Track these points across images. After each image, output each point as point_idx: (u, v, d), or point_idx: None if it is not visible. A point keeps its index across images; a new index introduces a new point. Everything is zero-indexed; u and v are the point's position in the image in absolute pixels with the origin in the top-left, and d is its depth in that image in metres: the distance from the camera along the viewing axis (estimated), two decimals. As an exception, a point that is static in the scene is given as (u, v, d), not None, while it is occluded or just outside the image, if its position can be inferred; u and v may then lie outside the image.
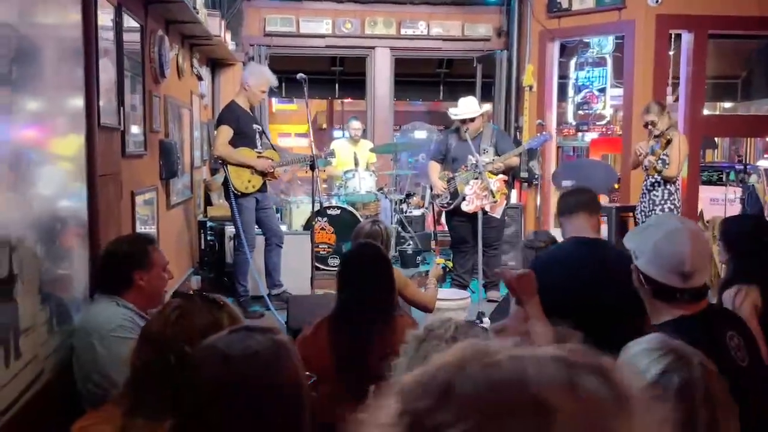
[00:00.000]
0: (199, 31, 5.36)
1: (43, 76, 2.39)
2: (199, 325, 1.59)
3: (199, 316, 1.61)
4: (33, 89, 2.27)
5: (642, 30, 6.76)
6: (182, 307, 1.62)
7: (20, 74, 2.14)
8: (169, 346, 1.55)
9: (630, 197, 6.70)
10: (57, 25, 2.60)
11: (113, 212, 3.19)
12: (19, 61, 2.13)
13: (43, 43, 2.39)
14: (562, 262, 2.65)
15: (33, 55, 2.28)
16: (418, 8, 8.02)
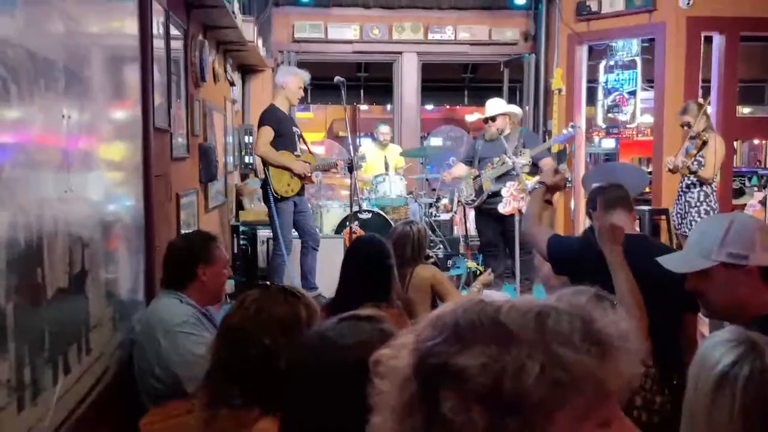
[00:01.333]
0: (235, 36, 5.42)
1: (104, 81, 2.43)
2: (278, 317, 1.61)
3: (277, 308, 1.63)
4: (95, 94, 2.31)
5: (673, 32, 6.73)
6: (260, 300, 1.64)
7: (85, 80, 2.18)
8: (250, 339, 1.57)
9: (662, 200, 6.66)
10: (116, 31, 2.64)
11: (164, 213, 3.23)
12: (83, 67, 2.17)
13: (103, 49, 2.43)
14: None
15: (94, 61, 2.32)
16: (445, 13, 8.04)
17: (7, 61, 1.55)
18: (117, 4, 2.67)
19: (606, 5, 7.04)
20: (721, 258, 1.79)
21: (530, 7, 7.96)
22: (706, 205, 5.22)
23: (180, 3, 3.95)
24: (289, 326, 1.60)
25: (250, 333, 1.59)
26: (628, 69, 7.17)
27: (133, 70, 2.79)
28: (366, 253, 2.73)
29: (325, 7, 7.89)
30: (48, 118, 1.85)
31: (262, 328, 1.59)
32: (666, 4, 6.74)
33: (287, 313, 1.63)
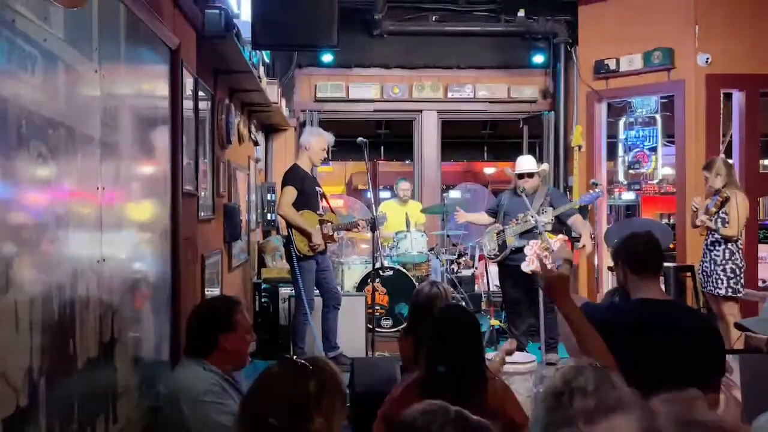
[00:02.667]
0: (259, 98, 5.55)
1: (136, 150, 2.49)
2: (286, 398, 1.61)
3: (286, 388, 1.63)
4: (128, 163, 2.37)
5: (692, 90, 6.77)
6: (271, 378, 1.66)
7: (116, 141, 2.24)
8: (260, 420, 1.57)
9: (687, 257, 6.60)
10: (149, 101, 2.71)
11: (190, 275, 3.25)
12: (117, 137, 2.23)
13: (137, 119, 2.50)
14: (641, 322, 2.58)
15: (126, 123, 2.38)
16: (464, 72, 8.19)
17: (48, 139, 1.60)
18: (150, 73, 2.75)
19: (624, 64, 7.12)
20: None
21: (548, 65, 8.08)
22: (732, 263, 5.16)
23: (208, 69, 4.06)
24: (297, 406, 1.61)
25: (257, 412, 1.61)
26: (648, 126, 7.20)
27: (163, 135, 2.86)
28: (462, 326, 2.53)
29: (346, 67, 8.07)
30: (83, 189, 1.90)
31: (270, 408, 1.60)
32: (685, 63, 6.80)
33: (295, 393, 1.63)
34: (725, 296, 5.18)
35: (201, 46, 3.57)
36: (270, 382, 1.65)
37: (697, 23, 6.68)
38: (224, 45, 3.61)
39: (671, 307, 2.73)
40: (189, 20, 3.27)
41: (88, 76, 1.94)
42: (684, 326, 2.54)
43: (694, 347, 2.54)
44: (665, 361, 2.41)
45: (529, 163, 5.74)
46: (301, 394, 1.61)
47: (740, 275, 5.18)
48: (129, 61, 2.36)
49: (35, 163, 1.57)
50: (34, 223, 1.59)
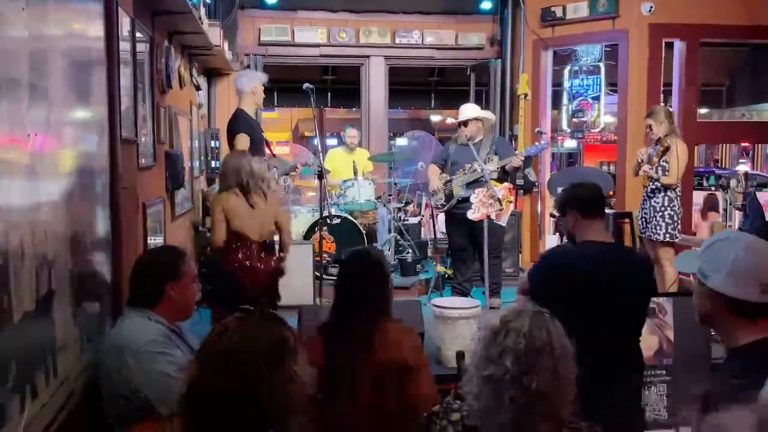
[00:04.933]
0: (201, 41, 5.35)
1: (69, 93, 2.37)
2: (263, 345, 1.58)
3: (263, 334, 1.60)
4: (60, 108, 2.25)
5: (635, 39, 6.85)
6: (243, 326, 1.61)
7: (49, 94, 2.12)
8: (234, 364, 1.53)
9: (626, 204, 6.78)
10: (81, 40, 2.58)
11: (132, 225, 3.16)
12: (47, 80, 2.11)
13: (68, 60, 2.37)
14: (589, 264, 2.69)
15: (59, 73, 2.25)
16: (411, 17, 8.07)
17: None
18: (82, 12, 2.60)
19: (570, 11, 7.13)
20: (694, 269, 1.82)
21: (496, 12, 8.03)
22: (671, 209, 5.32)
23: (146, 11, 3.87)
24: (274, 356, 1.57)
25: (233, 360, 1.55)
26: (592, 74, 7.27)
27: (98, 78, 2.73)
28: (367, 265, 2.64)
29: (291, 10, 7.85)
30: (11, 135, 1.80)
31: (246, 356, 1.55)
32: (629, 12, 6.86)
33: (272, 341, 1.60)
34: (663, 241, 5.35)
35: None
36: (245, 330, 1.59)
37: (641, -29, 6.72)
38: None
39: (614, 248, 2.87)
40: (123, -44, 3.10)
41: (13, 16, 1.81)
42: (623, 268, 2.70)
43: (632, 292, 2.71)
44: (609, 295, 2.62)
45: (470, 110, 5.74)
46: (280, 342, 1.58)
47: (678, 221, 5.35)
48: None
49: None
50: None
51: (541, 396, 1.63)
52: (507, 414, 1.64)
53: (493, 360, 1.66)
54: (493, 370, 1.66)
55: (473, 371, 1.73)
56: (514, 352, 1.64)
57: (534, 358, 1.64)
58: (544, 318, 1.73)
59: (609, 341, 2.61)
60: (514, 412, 1.63)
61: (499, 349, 1.66)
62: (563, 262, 2.70)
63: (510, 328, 1.67)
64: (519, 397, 1.62)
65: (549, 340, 1.67)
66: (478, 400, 1.70)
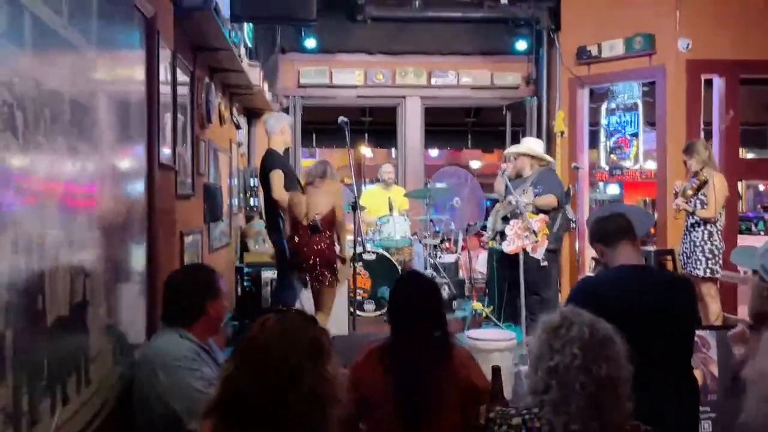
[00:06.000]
0: (241, 80, 5.52)
1: (110, 118, 2.46)
2: (304, 340, 1.58)
3: (302, 331, 1.61)
4: (102, 131, 2.34)
5: (673, 75, 6.81)
6: (283, 322, 1.61)
7: (91, 117, 2.21)
8: (273, 360, 1.53)
9: (668, 241, 6.65)
10: (123, 71, 2.68)
11: (168, 250, 3.23)
12: (90, 105, 2.21)
13: (110, 87, 2.48)
14: (619, 286, 2.66)
15: (100, 99, 2.35)
16: (447, 58, 8.20)
17: (15, 92, 1.58)
18: (125, 42, 2.72)
19: (606, 49, 7.15)
20: (755, 265, 1.81)
21: (531, 51, 8.10)
22: (710, 243, 5.21)
23: (187, 46, 4.03)
24: (314, 351, 1.57)
25: (274, 354, 1.55)
26: (630, 111, 7.24)
27: (139, 107, 2.84)
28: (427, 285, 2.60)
29: (330, 53, 8.05)
30: (54, 155, 1.88)
31: (289, 350, 1.55)
32: (665, 48, 6.84)
33: (312, 337, 1.60)
34: (704, 277, 5.22)
35: (179, 20, 3.54)
36: (284, 326, 1.60)
37: (678, 8, 6.72)
38: (202, 18, 3.59)
39: (641, 271, 2.83)
40: (165, -8, 3.25)
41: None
42: (652, 290, 2.65)
43: (670, 302, 2.65)
44: (646, 316, 2.55)
45: (515, 147, 5.82)
46: (317, 340, 1.59)
47: (718, 256, 5.22)
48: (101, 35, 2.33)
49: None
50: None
51: (609, 384, 1.65)
52: (577, 403, 1.64)
53: (558, 350, 1.69)
54: (559, 360, 1.68)
55: (532, 370, 1.74)
56: (581, 340, 1.68)
57: (600, 346, 1.68)
58: (601, 320, 1.76)
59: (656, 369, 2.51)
60: (584, 400, 1.64)
61: (564, 340, 1.69)
62: (594, 288, 2.69)
63: (572, 321, 1.72)
64: (589, 384, 1.64)
65: (610, 332, 1.72)
66: (546, 393, 1.70)
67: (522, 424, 1.73)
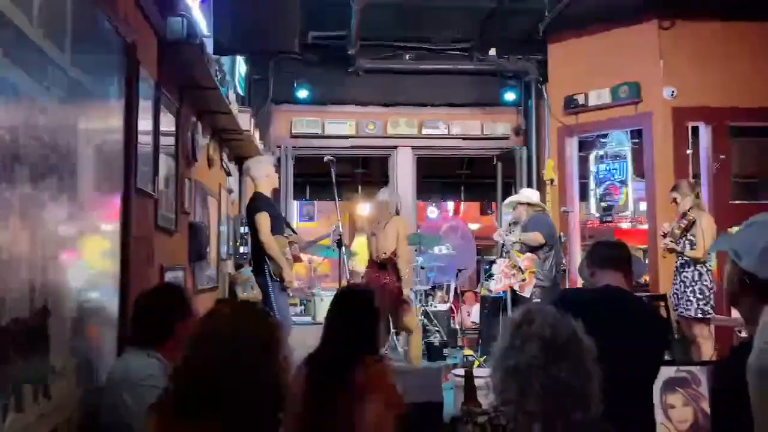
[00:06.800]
0: (230, 124, 5.57)
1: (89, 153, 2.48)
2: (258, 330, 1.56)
3: (256, 321, 1.58)
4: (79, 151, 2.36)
5: (660, 123, 6.90)
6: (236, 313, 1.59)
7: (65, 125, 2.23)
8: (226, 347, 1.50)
9: (660, 287, 6.59)
10: (101, 97, 2.71)
11: (144, 276, 3.19)
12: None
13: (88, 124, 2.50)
14: (600, 298, 2.65)
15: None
16: (438, 109, 8.32)
17: None
18: (103, 66, 2.75)
19: (593, 98, 7.27)
20: (726, 248, 1.79)
21: (520, 102, 8.24)
22: (701, 283, 5.16)
23: (173, 83, 4.09)
24: (265, 342, 1.55)
25: (223, 344, 1.52)
26: (619, 159, 7.30)
27: (116, 125, 2.86)
28: (358, 302, 2.62)
29: (322, 104, 8.18)
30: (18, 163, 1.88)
31: (240, 340, 1.52)
32: (651, 96, 6.95)
33: (263, 327, 1.58)
34: (695, 318, 5.15)
35: (164, 54, 3.61)
36: (238, 315, 1.58)
37: (662, 57, 6.87)
38: (187, 52, 3.64)
39: (627, 292, 2.81)
40: (150, 24, 3.32)
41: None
42: (633, 308, 2.64)
43: (643, 326, 2.64)
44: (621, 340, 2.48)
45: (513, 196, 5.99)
46: (272, 333, 1.57)
47: (709, 296, 5.17)
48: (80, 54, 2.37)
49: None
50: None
51: (570, 385, 1.59)
52: (535, 404, 1.58)
53: (517, 349, 1.63)
54: (518, 359, 1.62)
55: (494, 368, 1.69)
56: (541, 339, 1.61)
57: (561, 346, 1.61)
58: (566, 316, 1.70)
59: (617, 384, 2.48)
60: (542, 402, 1.58)
61: (524, 337, 1.63)
62: (574, 295, 2.69)
63: (534, 318, 1.66)
64: (549, 385, 1.58)
65: (574, 332, 1.65)
66: (503, 393, 1.64)
67: (487, 421, 1.67)
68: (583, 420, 1.64)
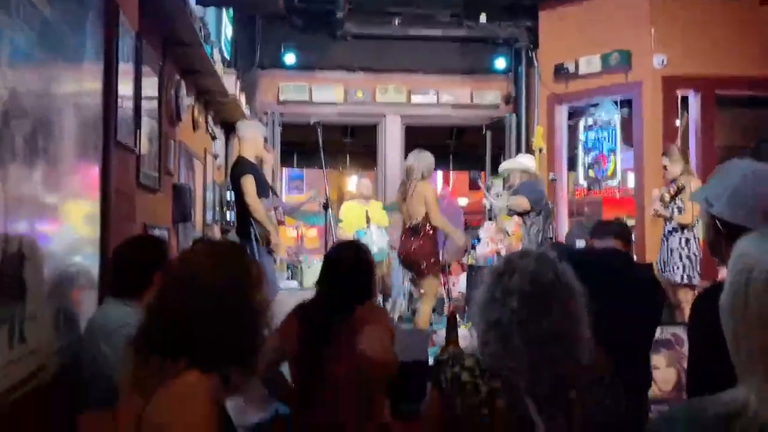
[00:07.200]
0: (215, 85, 5.48)
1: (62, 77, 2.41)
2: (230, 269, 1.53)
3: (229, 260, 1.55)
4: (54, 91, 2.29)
5: (649, 92, 6.86)
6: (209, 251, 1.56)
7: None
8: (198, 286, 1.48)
9: (645, 256, 6.60)
10: (78, 43, 2.63)
11: (126, 230, 3.14)
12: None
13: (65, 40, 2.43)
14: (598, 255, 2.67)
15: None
16: (428, 77, 8.22)
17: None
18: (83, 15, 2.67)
19: (583, 66, 7.21)
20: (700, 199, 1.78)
21: (510, 70, 8.16)
22: (687, 250, 5.17)
23: (156, 37, 4.00)
24: (240, 279, 1.52)
25: (199, 281, 1.49)
26: (608, 127, 7.26)
27: (95, 79, 2.79)
28: (352, 257, 2.64)
29: (309, 69, 8.06)
30: None
31: (213, 278, 1.50)
32: (642, 64, 6.90)
33: (238, 266, 1.55)
34: (680, 284, 5.17)
35: (145, 5, 3.51)
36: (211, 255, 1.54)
37: (653, 25, 6.81)
38: (169, 3, 3.56)
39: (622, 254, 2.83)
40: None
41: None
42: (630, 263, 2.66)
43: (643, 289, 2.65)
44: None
45: (507, 162, 5.95)
46: (245, 270, 1.55)
47: (696, 263, 5.18)
48: None
49: None
50: None
51: (553, 337, 1.57)
52: (519, 358, 1.57)
53: (498, 302, 1.61)
54: (499, 314, 1.59)
55: (477, 317, 1.66)
56: (521, 293, 1.59)
57: (541, 299, 1.59)
58: (549, 259, 1.67)
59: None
60: (527, 354, 1.57)
61: (505, 290, 1.61)
62: (569, 250, 2.69)
63: (515, 269, 1.63)
64: (530, 340, 1.56)
65: (556, 279, 1.62)
66: (485, 346, 1.62)
67: (476, 364, 1.65)
68: (573, 369, 1.62)
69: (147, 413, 1.39)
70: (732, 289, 1.04)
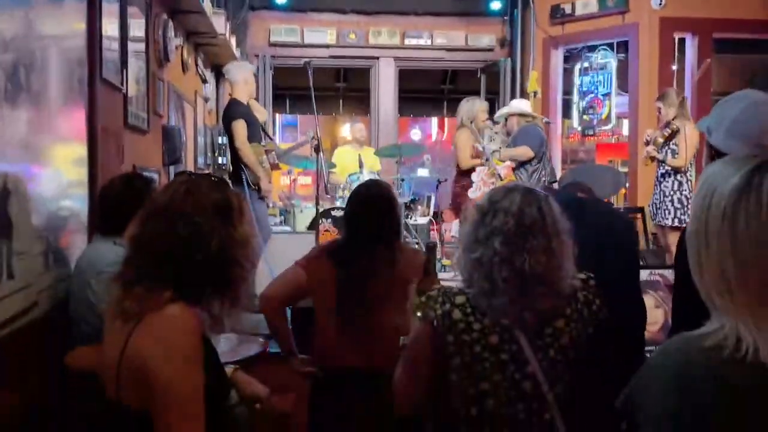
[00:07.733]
0: (204, 26, 5.37)
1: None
2: (211, 200, 1.52)
3: (209, 191, 1.53)
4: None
5: (646, 34, 6.76)
6: (191, 183, 1.54)
7: None
8: (180, 218, 1.46)
9: (638, 200, 6.62)
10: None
11: (113, 169, 3.11)
12: None
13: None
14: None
15: None
16: (421, 19, 8.07)
17: None
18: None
19: (580, 7, 7.08)
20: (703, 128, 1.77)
21: (505, 12, 8.01)
22: (680, 193, 5.17)
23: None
24: (222, 210, 1.51)
25: (181, 212, 1.48)
26: (603, 71, 7.18)
27: (80, 19, 2.72)
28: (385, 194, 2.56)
29: (301, 11, 7.90)
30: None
31: (195, 209, 1.49)
32: (639, 5, 6.78)
33: (219, 197, 1.54)
34: (671, 227, 5.19)
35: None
36: (191, 187, 1.53)
37: (651, -36, 6.66)
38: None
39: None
40: None
41: None
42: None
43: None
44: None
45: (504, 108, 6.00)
46: (226, 200, 1.54)
47: (687, 206, 5.18)
48: None
49: None
50: None
51: (535, 276, 1.57)
52: (503, 296, 1.58)
53: (481, 242, 1.60)
54: (482, 253, 1.59)
55: (461, 256, 1.67)
56: (504, 233, 1.58)
57: (524, 238, 1.58)
58: (535, 195, 1.65)
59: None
60: (509, 293, 1.57)
61: (488, 230, 1.60)
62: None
63: (498, 208, 1.61)
64: (513, 278, 1.57)
65: (541, 218, 1.61)
66: (470, 283, 1.62)
67: (466, 301, 1.65)
68: (555, 307, 1.63)
69: (130, 345, 1.39)
70: (694, 214, 1.05)
